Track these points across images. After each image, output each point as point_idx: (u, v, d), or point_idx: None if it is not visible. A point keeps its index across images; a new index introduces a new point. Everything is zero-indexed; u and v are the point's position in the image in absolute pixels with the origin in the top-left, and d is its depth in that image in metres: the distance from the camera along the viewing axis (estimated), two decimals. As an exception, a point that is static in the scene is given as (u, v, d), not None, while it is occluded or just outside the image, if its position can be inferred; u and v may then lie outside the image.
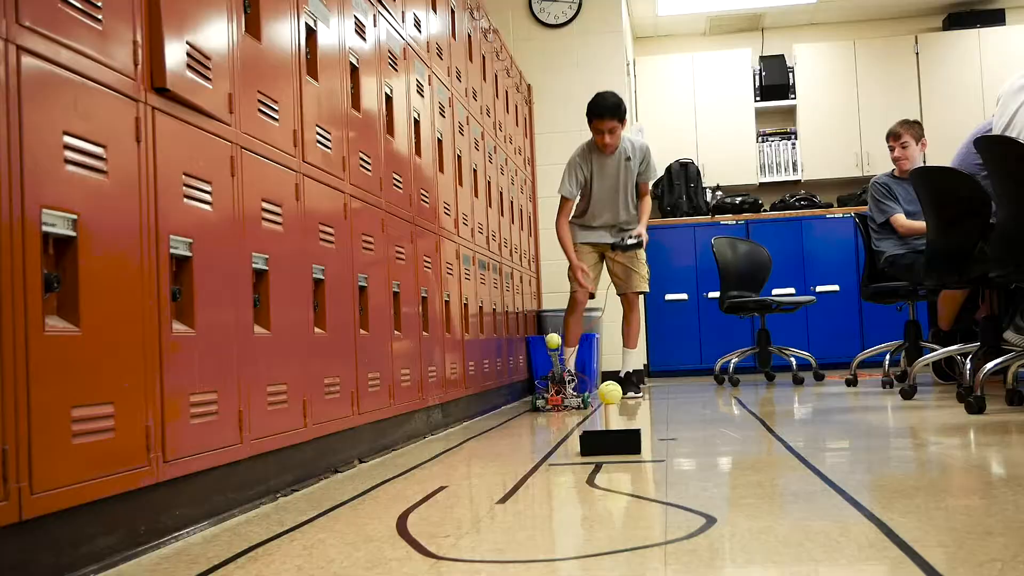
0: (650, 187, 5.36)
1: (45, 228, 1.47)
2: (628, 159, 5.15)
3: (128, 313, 1.69)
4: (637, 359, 5.50)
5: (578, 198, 5.20)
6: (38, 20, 1.48)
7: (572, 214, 5.24)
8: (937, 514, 1.73)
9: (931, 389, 4.98)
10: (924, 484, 2.13)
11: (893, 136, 5.44)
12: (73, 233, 1.54)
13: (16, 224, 1.40)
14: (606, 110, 5.01)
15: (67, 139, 1.54)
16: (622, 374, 5.26)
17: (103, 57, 1.65)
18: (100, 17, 1.65)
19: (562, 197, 5.16)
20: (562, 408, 4.71)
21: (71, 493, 1.51)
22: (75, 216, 1.54)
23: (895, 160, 5.41)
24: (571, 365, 5.13)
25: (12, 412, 1.37)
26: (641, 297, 5.41)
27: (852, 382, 5.52)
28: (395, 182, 3.34)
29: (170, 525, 1.83)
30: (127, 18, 1.74)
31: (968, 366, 3.85)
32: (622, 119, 5.05)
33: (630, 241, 5.14)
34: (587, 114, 5.06)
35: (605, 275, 5.35)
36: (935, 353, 4.70)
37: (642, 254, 5.29)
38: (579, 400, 4.77)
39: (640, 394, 5.35)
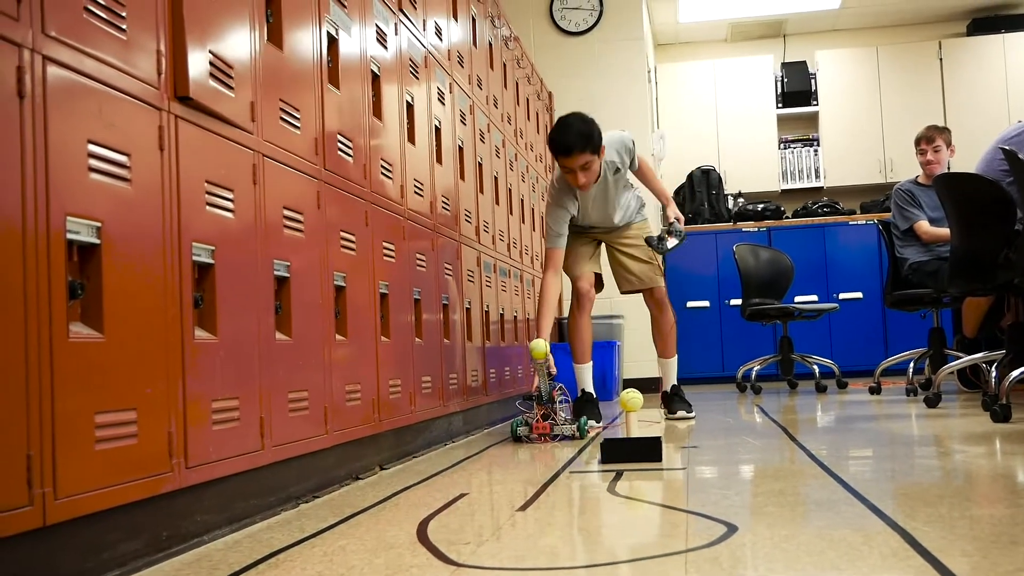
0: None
1: (70, 236, 1.49)
2: (617, 171, 3.98)
3: (151, 320, 1.71)
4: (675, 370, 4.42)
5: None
6: (63, 30, 1.50)
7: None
8: (961, 523, 1.72)
9: (956, 397, 4.93)
10: (948, 493, 2.10)
11: (926, 140, 5.34)
12: (97, 241, 1.55)
13: (41, 232, 1.42)
14: (574, 142, 3.66)
15: (91, 147, 1.55)
16: (667, 389, 4.37)
17: (127, 66, 1.67)
18: (124, 27, 1.67)
19: (547, 249, 4.01)
20: (551, 438, 3.57)
21: (94, 499, 1.52)
22: (99, 224, 1.56)
23: (926, 164, 5.32)
24: (588, 385, 4.16)
25: (36, 418, 1.39)
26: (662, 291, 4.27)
27: (876, 390, 5.47)
28: (416, 190, 3.35)
29: (192, 531, 1.84)
30: (151, 27, 1.76)
31: (993, 374, 3.81)
32: (596, 149, 3.71)
33: (671, 244, 3.97)
34: (550, 149, 3.81)
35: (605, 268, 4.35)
36: (960, 361, 4.66)
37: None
38: (573, 427, 3.58)
39: (692, 414, 4.29)
